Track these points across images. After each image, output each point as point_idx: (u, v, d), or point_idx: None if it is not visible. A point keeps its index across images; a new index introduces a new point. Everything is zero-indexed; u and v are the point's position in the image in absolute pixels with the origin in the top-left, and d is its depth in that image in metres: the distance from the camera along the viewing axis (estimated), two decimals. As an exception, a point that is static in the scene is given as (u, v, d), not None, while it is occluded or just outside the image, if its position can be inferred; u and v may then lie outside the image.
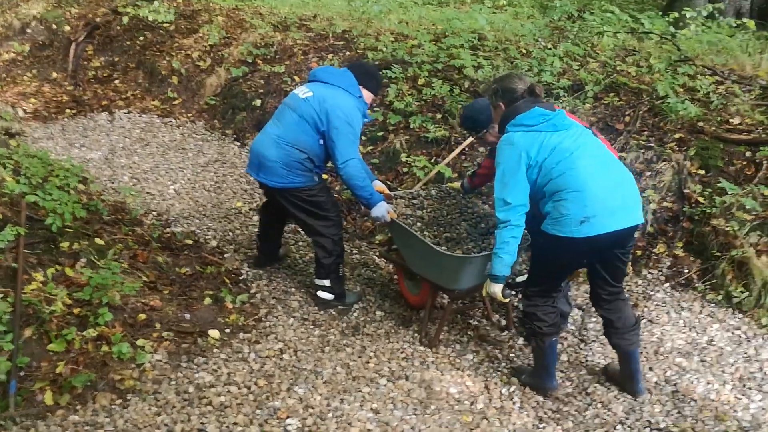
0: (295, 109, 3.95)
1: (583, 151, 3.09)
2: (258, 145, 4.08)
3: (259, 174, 4.07)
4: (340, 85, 3.95)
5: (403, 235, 3.94)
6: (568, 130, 3.14)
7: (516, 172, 3.09)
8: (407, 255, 4.06)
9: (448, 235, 3.88)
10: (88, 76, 8.80)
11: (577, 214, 3.02)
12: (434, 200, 4.25)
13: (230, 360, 3.72)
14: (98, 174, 6.20)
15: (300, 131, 3.92)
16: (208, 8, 8.95)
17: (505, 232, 3.15)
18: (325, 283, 4.28)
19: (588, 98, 5.63)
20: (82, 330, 3.56)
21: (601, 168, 3.11)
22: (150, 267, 4.44)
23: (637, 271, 4.55)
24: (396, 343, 3.99)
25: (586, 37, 6.98)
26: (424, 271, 3.91)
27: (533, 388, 3.59)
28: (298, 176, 3.99)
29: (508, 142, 3.14)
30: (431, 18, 8.08)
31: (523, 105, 3.18)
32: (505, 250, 3.16)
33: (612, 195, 3.08)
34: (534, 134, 3.10)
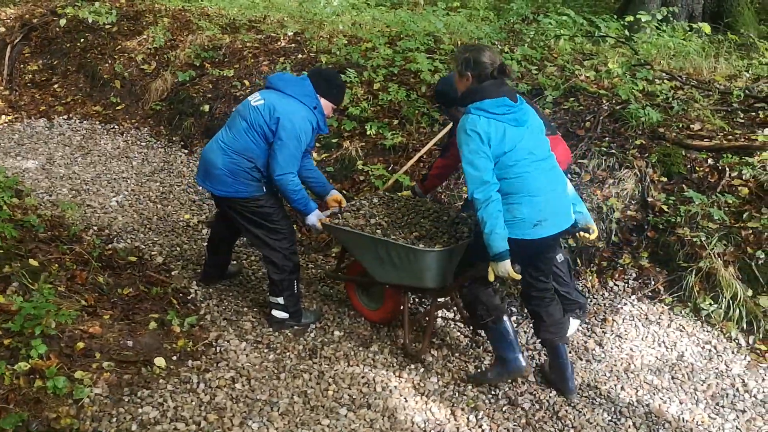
0: (245, 116, 3.79)
1: (538, 155, 3.19)
2: (207, 152, 3.92)
3: (206, 182, 3.91)
4: (294, 94, 3.77)
5: (369, 246, 3.74)
6: (527, 127, 3.18)
7: (483, 151, 3.10)
8: (373, 266, 3.82)
9: (417, 234, 3.74)
10: (24, 80, 8.37)
11: (532, 218, 3.15)
12: (382, 206, 4.08)
13: (177, 392, 3.44)
14: (35, 186, 5.84)
15: (248, 139, 3.76)
16: (152, 9, 8.59)
17: (491, 209, 3.11)
18: (278, 301, 4.04)
19: (548, 103, 5.51)
20: (13, 363, 3.25)
21: (550, 172, 3.24)
22: (89, 289, 4.15)
23: (603, 283, 4.44)
24: (357, 367, 3.77)
25: (542, 40, 6.89)
26: (398, 278, 3.74)
27: (502, 377, 3.56)
28: (245, 186, 3.82)
29: (471, 125, 3.10)
30: (385, 20, 7.89)
31: (490, 89, 3.13)
32: (498, 224, 3.12)
33: (558, 198, 3.25)
34: (496, 123, 3.10)
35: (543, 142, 3.27)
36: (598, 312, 4.25)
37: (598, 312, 4.25)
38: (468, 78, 3.24)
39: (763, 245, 4.08)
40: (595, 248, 4.59)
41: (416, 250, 3.53)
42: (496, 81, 3.17)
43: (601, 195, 4.72)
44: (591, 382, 3.72)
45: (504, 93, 3.13)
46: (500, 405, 3.52)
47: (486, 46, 3.27)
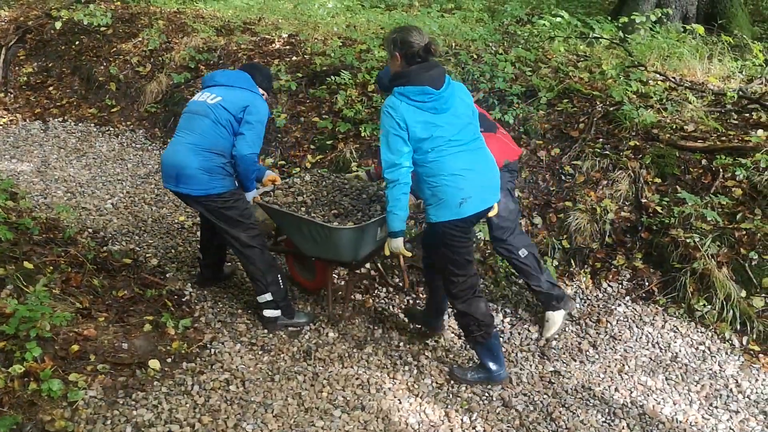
0: (207, 114, 3.87)
1: (460, 140, 3.30)
2: (172, 157, 3.93)
3: (179, 185, 3.91)
4: (245, 86, 3.97)
5: (294, 223, 4.00)
6: (448, 113, 3.27)
7: (400, 134, 3.21)
8: (299, 241, 4.08)
9: (336, 212, 4.03)
10: (19, 82, 8.35)
11: (455, 197, 3.27)
12: (311, 184, 4.35)
13: (172, 394, 3.44)
14: (29, 188, 5.83)
15: (217, 135, 3.86)
16: (147, 12, 8.58)
17: (396, 191, 3.28)
18: (266, 298, 4.07)
19: (541, 105, 5.53)
20: (8, 366, 3.24)
21: (474, 152, 3.37)
22: (84, 291, 4.13)
23: (597, 284, 4.45)
24: (351, 369, 3.77)
25: (536, 42, 6.90)
26: (320, 252, 4.00)
27: (480, 382, 3.68)
28: (219, 181, 3.91)
29: (392, 107, 3.23)
30: (379, 22, 7.90)
31: (415, 75, 3.22)
32: (399, 206, 3.31)
33: (483, 176, 3.37)
34: (416, 110, 3.21)
35: (467, 126, 3.35)
36: (591, 313, 4.26)
37: (592, 313, 4.26)
38: (397, 58, 3.31)
39: (756, 246, 4.10)
40: (589, 249, 4.60)
41: (330, 228, 3.79)
42: (423, 65, 3.25)
43: (595, 196, 4.74)
44: (585, 383, 3.72)
45: (428, 80, 3.20)
46: (494, 406, 3.52)
47: (414, 27, 3.37)
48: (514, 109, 5.48)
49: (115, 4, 8.94)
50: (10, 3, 9.56)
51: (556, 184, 4.99)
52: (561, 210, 4.79)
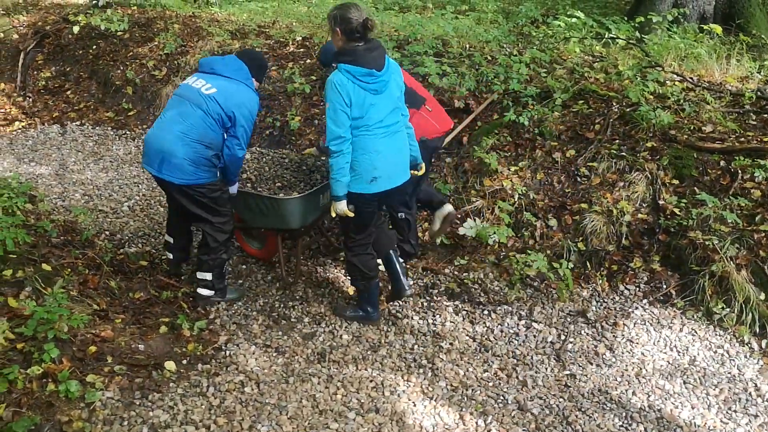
0: (200, 105, 3.87)
1: (385, 121, 3.63)
2: (159, 141, 3.92)
3: (162, 171, 3.92)
4: (240, 78, 3.99)
5: (242, 200, 4.33)
6: (383, 95, 3.60)
7: (345, 110, 3.50)
8: (248, 216, 4.45)
9: (280, 184, 4.48)
10: (38, 86, 8.42)
11: (368, 174, 3.64)
12: (252, 162, 4.80)
13: (187, 395, 3.45)
14: (48, 191, 5.88)
15: (206, 127, 3.88)
16: (163, 16, 8.63)
17: (340, 160, 3.58)
18: (206, 277, 4.22)
19: (556, 106, 5.50)
20: (26, 367, 3.27)
21: (392, 136, 3.70)
22: (101, 293, 4.17)
23: (614, 287, 4.41)
24: (365, 371, 3.77)
25: (551, 43, 6.87)
26: (268, 223, 4.38)
27: (357, 320, 4.21)
28: (205, 172, 3.97)
29: (339, 82, 3.49)
30: (393, 24, 7.89)
31: (363, 57, 3.50)
32: (342, 174, 3.61)
33: (395, 159, 3.73)
34: (360, 89, 3.51)
35: (394, 109, 3.69)
36: (608, 316, 4.22)
37: (609, 316, 4.22)
38: (338, 33, 3.57)
39: (775, 248, 4.05)
40: (605, 252, 4.57)
41: (278, 200, 4.19)
42: (368, 46, 3.53)
43: (611, 198, 4.70)
44: (602, 386, 3.69)
45: (372, 62, 3.50)
46: (509, 410, 3.50)
47: (353, 4, 3.58)
48: (529, 110, 5.45)
49: (132, 8, 9.00)
50: (29, 8, 9.65)
51: (572, 185, 4.96)
52: (577, 212, 4.76)
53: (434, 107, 4.48)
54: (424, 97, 4.40)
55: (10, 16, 9.39)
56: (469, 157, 5.35)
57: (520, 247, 4.75)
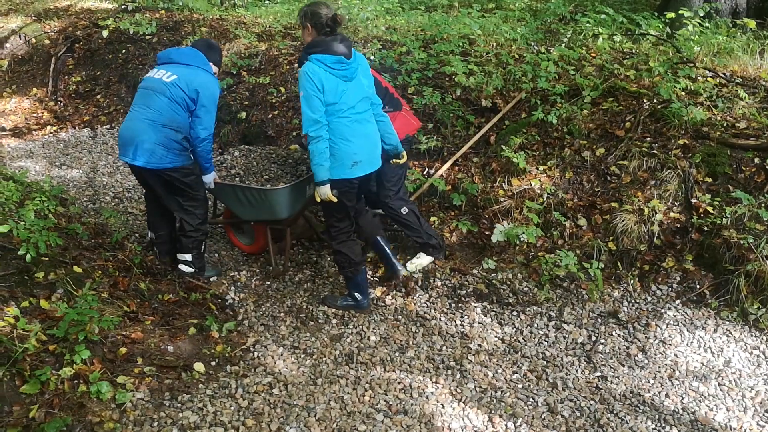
0: (163, 92, 4.14)
1: (357, 108, 3.81)
2: (130, 131, 4.18)
3: (136, 158, 4.15)
4: (198, 64, 4.24)
5: (229, 193, 4.55)
6: (353, 82, 3.79)
7: (318, 96, 3.67)
8: (238, 209, 4.64)
9: (267, 177, 4.71)
10: (69, 90, 8.56)
11: (348, 159, 3.80)
12: (240, 158, 5.07)
13: (216, 396, 3.47)
14: (79, 194, 5.97)
15: (172, 112, 4.13)
16: (190, 19, 8.71)
17: (320, 145, 3.72)
18: (186, 258, 4.48)
19: (585, 104, 5.42)
20: (58, 369, 3.31)
21: (364, 123, 3.88)
22: (131, 295, 4.20)
23: (646, 287, 4.33)
24: (393, 373, 3.75)
25: (580, 40, 6.77)
26: (257, 215, 4.58)
27: (347, 309, 4.34)
28: (176, 155, 4.20)
29: (311, 71, 3.67)
30: (419, 23, 7.86)
31: (331, 45, 3.70)
32: (323, 158, 3.74)
33: (370, 146, 3.91)
34: (329, 76, 3.69)
35: (364, 98, 3.86)
36: (640, 317, 4.15)
37: (641, 317, 4.15)
38: (308, 28, 3.79)
39: (813, 247, 3.94)
40: (637, 251, 4.49)
41: (265, 191, 4.37)
42: (336, 37, 3.73)
43: (643, 197, 4.62)
44: (634, 388, 3.63)
45: (341, 50, 3.70)
46: (539, 412, 3.46)
47: (322, 2, 3.82)
48: (557, 108, 5.38)
49: (160, 12, 9.10)
50: (60, 14, 9.82)
51: (602, 184, 4.88)
52: (607, 211, 4.68)
53: (407, 106, 4.76)
54: (399, 99, 4.65)
55: (42, 21, 9.56)
56: (497, 157, 5.30)
57: (549, 247, 4.69)
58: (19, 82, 8.83)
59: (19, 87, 8.73)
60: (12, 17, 9.74)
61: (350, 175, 3.85)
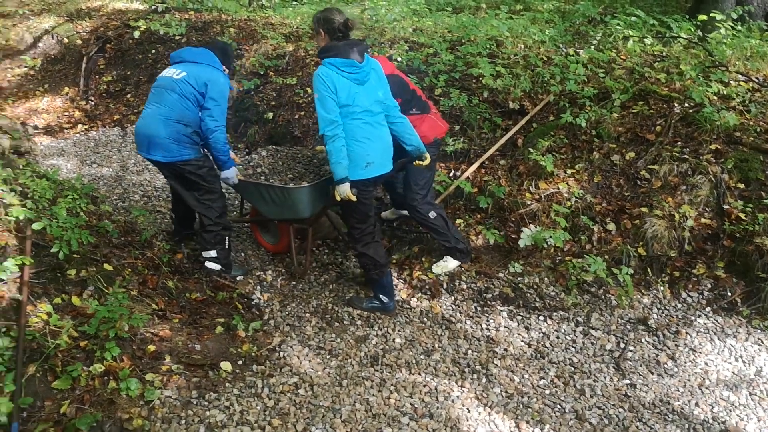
0: (173, 89, 4.30)
1: (371, 111, 3.89)
2: (145, 127, 4.35)
3: (150, 152, 4.34)
4: (207, 62, 4.38)
5: (253, 191, 4.63)
6: (366, 85, 3.87)
7: (332, 97, 3.77)
8: (261, 207, 4.71)
9: (291, 176, 4.78)
10: (99, 90, 8.67)
11: (362, 159, 3.88)
12: (267, 158, 5.14)
13: (243, 396, 3.49)
14: (109, 192, 6.05)
15: (183, 108, 4.27)
16: (219, 20, 8.79)
17: (336, 143, 3.80)
18: (211, 254, 4.54)
19: (615, 107, 5.36)
20: (89, 365, 3.36)
21: (377, 126, 3.95)
22: (159, 293, 4.25)
23: (676, 294, 4.28)
24: (418, 375, 3.74)
25: (610, 42, 6.71)
26: (280, 214, 4.63)
27: (372, 311, 4.36)
28: (188, 149, 4.33)
29: (323, 74, 3.78)
30: (446, 25, 7.84)
31: (343, 49, 3.81)
32: (341, 156, 3.81)
33: (382, 148, 3.98)
34: (342, 79, 3.79)
35: (377, 101, 3.93)
36: (670, 324, 4.09)
37: (671, 324, 4.09)
38: (321, 34, 3.91)
39: None
40: (667, 257, 4.43)
41: (288, 189, 4.43)
42: (349, 42, 3.84)
43: (673, 202, 4.56)
44: (663, 397, 3.58)
45: (353, 55, 3.80)
46: (567, 419, 3.43)
47: (335, 8, 3.98)
48: (586, 111, 5.33)
49: (189, 13, 9.19)
50: (92, 14, 9.96)
51: (631, 189, 4.83)
52: (636, 216, 4.63)
53: (435, 109, 4.73)
54: (427, 102, 4.64)
55: (74, 21, 9.71)
56: (524, 160, 5.27)
57: (576, 251, 4.64)
58: (51, 81, 8.97)
59: (51, 86, 8.86)
60: (45, 17, 9.91)
61: (364, 176, 3.92)
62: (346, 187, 3.86)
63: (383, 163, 4.00)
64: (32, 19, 9.88)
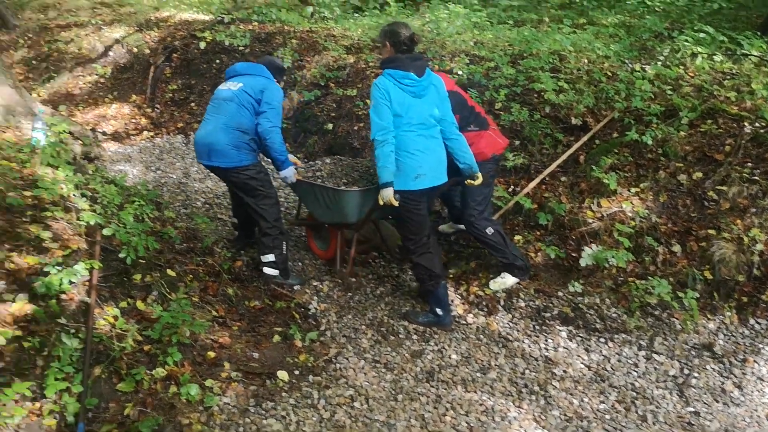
0: (232, 99, 4.56)
1: (425, 123, 3.99)
2: (205, 137, 4.57)
3: (211, 159, 4.54)
4: (262, 74, 4.67)
5: (308, 191, 4.79)
6: (423, 99, 3.98)
7: (386, 104, 3.89)
8: (314, 209, 4.85)
9: (345, 181, 5.00)
10: (165, 98, 8.91)
11: (412, 171, 3.96)
12: (329, 165, 5.39)
13: (299, 406, 3.52)
14: (172, 199, 6.20)
15: (241, 116, 4.51)
16: (282, 31, 8.94)
17: (385, 149, 3.90)
18: (269, 259, 4.65)
19: (682, 125, 5.22)
20: (152, 369, 3.45)
21: (430, 139, 4.03)
22: (220, 300, 4.34)
23: (743, 320, 4.13)
24: (474, 394, 3.71)
25: (677, 58, 6.54)
26: (330, 217, 4.74)
27: (428, 325, 4.35)
28: (246, 155, 4.54)
29: (380, 83, 3.94)
30: (508, 38, 7.79)
31: (403, 62, 3.95)
32: (389, 161, 3.91)
33: (435, 160, 4.03)
34: (398, 90, 3.92)
35: (432, 115, 4.01)
36: (737, 351, 3.95)
37: (738, 351, 3.95)
38: (387, 46, 4.05)
39: None
40: (735, 282, 4.28)
41: (338, 191, 4.59)
42: (410, 56, 3.98)
43: (742, 225, 4.40)
44: (728, 427, 3.46)
45: (412, 68, 3.94)
46: (627, 445, 3.34)
47: (402, 22, 4.16)
48: (653, 129, 5.21)
49: (253, 24, 9.38)
50: (160, 24, 10.26)
51: (698, 210, 4.69)
52: (703, 238, 4.49)
53: (494, 125, 4.76)
54: (486, 118, 4.66)
55: (143, 31, 10.03)
56: (586, 177, 5.18)
57: (640, 272, 4.53)
58: (120, 89, 9.27)
59: (120, 93, 9.16)
60: (116, 27, 10.27)
61: (413, 187, 3.98)
62: (390, 192, 3.94)
63: (435, 175, 4.05)
64: (104, 29, 10.25)
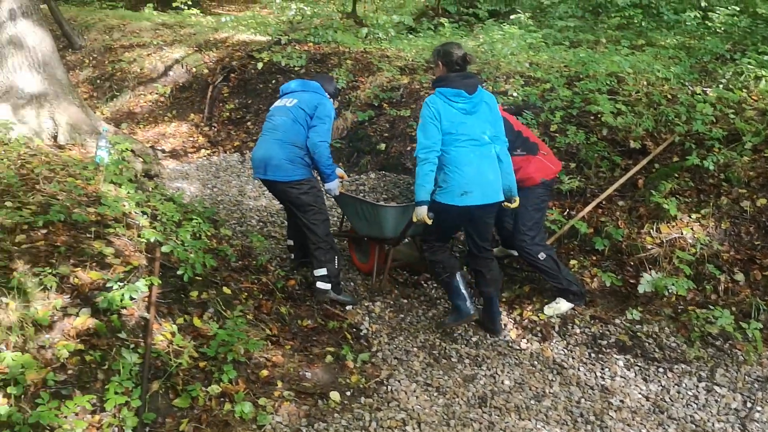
0: (287, 115, 4.67)
1: (477, 141, 4.00)
2: (261, 151, 4.68)
3: (267, 173, 4.63)
4: (318, 91, 4.78)
5: (350, 204, 4.94)
6: (474, 116, 4.00)
7: (433, 123, 3.95)
8: (355, 222, 5.00)
9: (386, 197, 5.20)
10: (222, 117, 9.12)
11: (459, 187, 3.95)
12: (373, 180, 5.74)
13: (351, 428, 3.52)
14: (228, 216, 6.31)
15: (295, 132, 4.61)
16: (337, 52, 9.07)
17: (426, 168, 3.97)
18: (322, 273, 4.68)
19: (746, 150, 5.07)
20: (207, 386, 3.49)
21: (483, 156, 4.01)
22: (273, 318, 4.38)
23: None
24: (528, 422, 3.64)
25: (740, 81, 6.38)
26: (369, 231, 4.90)
27: (457, 322, 4.36)
28: (300, 169, 4.62)
29: (431, 101, 4.02)
30: (564, 60, 7.72)
31: (454, 80, 4.01)
32: (427, 180, 3.98)
33: (485, 176, 3.99)
34: (449, 107, 3.97)
35: (485, 132, 4.02)
36: (805, 387, 3.78)
37: (806, 387, 3.78)
38: (439, 65, 4.12)
39: None
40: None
41: (376, 206, 4.72)
42: (461, 74, 4.03)
43: (811, 254, 4.24)
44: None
45: (463, 86, 3.99)
46: (689, 482, 3.22)
47: (455, 43, 4.24)
48: (714, 154, 5.07)
49: (309, 45, 9.55)
50: (218, 45, 10.54)
51: (763, 237, 4.53)
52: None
53: (546, 150, 4.72)
54: (536, 143, 4.63)
55: (202, 52, 10.31)
56: (645, 202, 5.07)
57: (700, 301, 4.39)
58: (179, 108, 9.54)
59: (179, 112, 9.43)
60: (176, 47, 10.59)
61: (458, 203, 3.98)
62: (424, 210, 4.02)
63: (484, 193, 4.01)
64: (165, 50, 10.58)
